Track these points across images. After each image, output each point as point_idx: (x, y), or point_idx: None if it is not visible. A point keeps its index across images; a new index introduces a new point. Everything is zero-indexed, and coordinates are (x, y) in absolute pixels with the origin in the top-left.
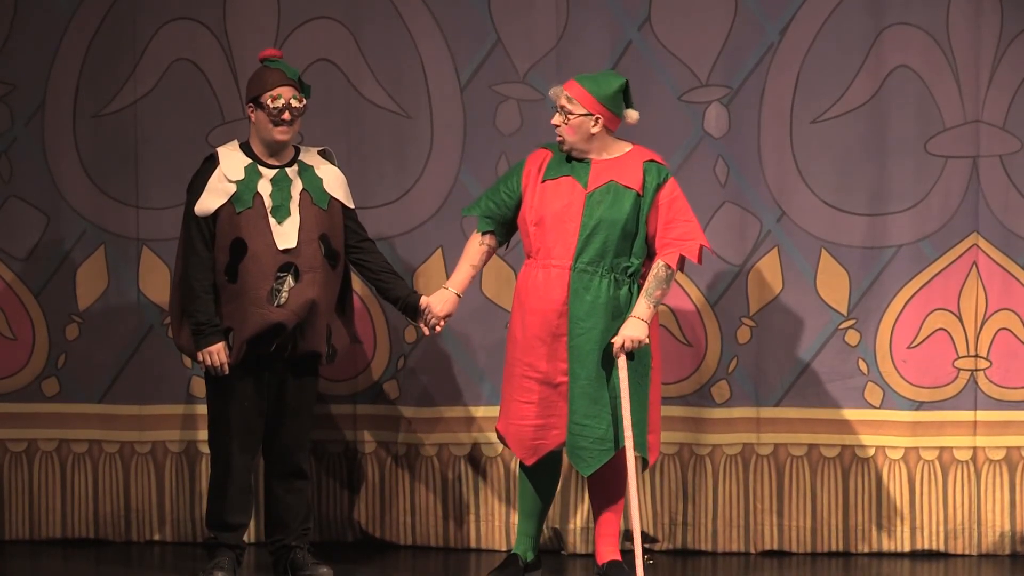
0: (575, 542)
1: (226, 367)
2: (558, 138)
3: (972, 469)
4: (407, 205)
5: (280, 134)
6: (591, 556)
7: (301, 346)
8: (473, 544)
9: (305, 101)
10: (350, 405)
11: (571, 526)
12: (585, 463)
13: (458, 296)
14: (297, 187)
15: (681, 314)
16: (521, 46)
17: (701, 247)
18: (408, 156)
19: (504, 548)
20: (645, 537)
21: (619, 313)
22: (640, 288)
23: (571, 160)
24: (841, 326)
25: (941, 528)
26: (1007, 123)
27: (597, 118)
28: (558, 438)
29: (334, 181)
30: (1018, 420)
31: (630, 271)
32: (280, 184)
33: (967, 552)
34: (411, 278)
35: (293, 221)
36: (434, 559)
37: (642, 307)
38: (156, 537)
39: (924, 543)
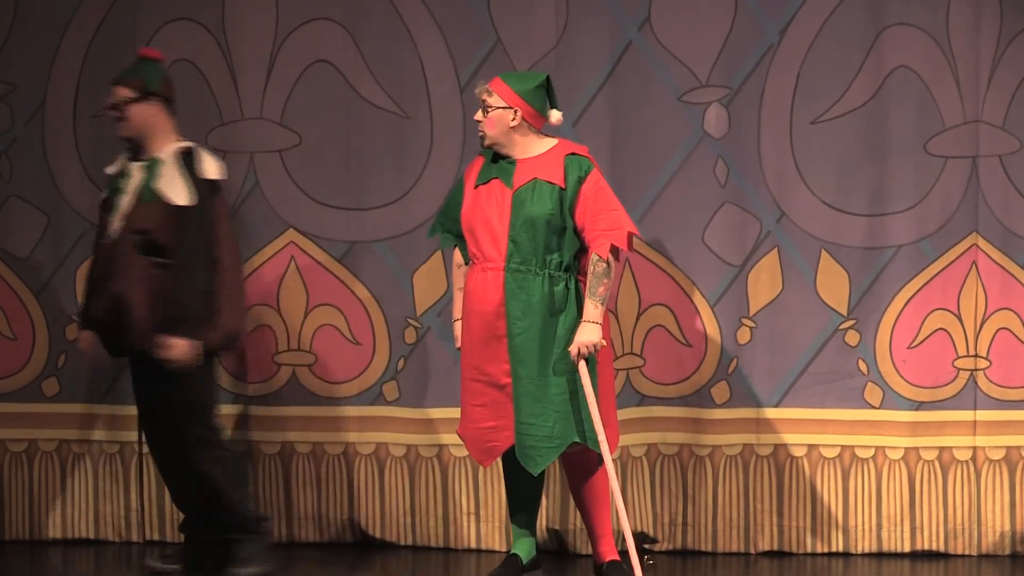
0: (575, 542)
1: (89, 355)
2: (479, 134)
3: (972, 469)
4: (407, 205)
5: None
6: (591, 556)
7: (131, 342)
8: (473, 544)
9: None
10: (350, 406)
11: (571, 526)
12: (534, 461)
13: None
14: (135, 182)
15: (681, 314)
16: (521, 46)
17: (629, 234)
18: (408, 156)
19: (504, 548)
20: (645, 538)
21: (556, 310)
22: (577, 282)
23: (498, 161)
24: (841, 326)
25: (941, 528)
26: (1007, 123)
27: (516, 111)
28: (509, 440)
29: (170, 175)
30: (1018, 420)
31: (563, 265)
32: (121, 180)
33: (967, 552)
34: (410, 279)
35: (119, 215)
36: (434, 559)
37: (590, 309)
38: (156, 537)
39: (924, 543)
